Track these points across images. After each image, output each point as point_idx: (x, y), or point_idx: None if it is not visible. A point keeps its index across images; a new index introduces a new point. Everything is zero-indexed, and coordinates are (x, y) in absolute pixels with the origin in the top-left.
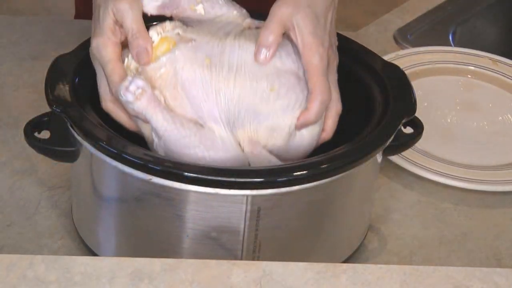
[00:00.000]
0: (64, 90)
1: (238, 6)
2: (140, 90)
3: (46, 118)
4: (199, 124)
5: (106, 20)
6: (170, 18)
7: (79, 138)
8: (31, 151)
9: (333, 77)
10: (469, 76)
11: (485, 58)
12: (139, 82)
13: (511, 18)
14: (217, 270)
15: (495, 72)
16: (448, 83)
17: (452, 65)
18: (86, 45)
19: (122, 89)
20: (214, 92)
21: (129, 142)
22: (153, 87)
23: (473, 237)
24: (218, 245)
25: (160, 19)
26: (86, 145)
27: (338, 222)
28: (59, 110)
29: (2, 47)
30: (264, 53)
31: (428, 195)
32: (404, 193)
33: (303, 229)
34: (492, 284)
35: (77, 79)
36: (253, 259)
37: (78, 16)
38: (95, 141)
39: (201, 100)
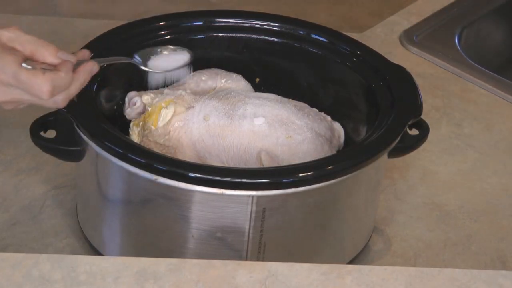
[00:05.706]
0: None
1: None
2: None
3: (52, 118)
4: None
5: None
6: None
7: (84, 137)
8: (36, 150)
9: None
10: None
11: None
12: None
13: None
14: (222, 270)
15: None
16: None
17: None
18: (91, 44)
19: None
20: (221, 139)
21: (134, 142)
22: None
23: (478, 239)
24: (223, 245)
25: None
26: (92, 144)
27: (343, 224)
28: (65, 110)
29: None
30: None
31: (432, 196)
32: (409, 194)
33: (308, 230)
34: (497, 286)
35: None
36: (258, 260)
37: None
38: (101, 141)
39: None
